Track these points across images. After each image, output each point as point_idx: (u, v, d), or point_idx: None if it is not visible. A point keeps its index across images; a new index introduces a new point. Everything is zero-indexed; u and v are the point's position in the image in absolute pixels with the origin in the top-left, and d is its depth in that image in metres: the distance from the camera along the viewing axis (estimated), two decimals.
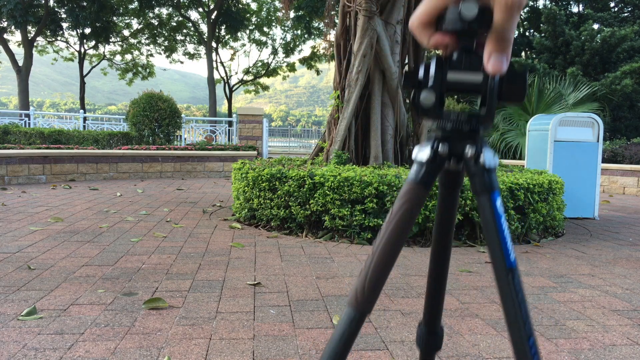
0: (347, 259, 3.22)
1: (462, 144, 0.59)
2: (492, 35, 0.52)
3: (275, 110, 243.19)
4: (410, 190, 0.60)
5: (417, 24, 0.55)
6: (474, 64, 0.55)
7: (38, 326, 1.98)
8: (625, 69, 12.69)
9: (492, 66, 0.53)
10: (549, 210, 4.08)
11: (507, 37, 0.52)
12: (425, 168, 0.60)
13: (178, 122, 11.81)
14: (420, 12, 0.55)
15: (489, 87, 0.56)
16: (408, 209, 0.59)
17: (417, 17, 0.55)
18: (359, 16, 5.19)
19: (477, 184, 0.58)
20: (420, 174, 0.60)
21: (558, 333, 2.06)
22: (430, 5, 0.54)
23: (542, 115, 5.72)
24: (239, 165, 4.71)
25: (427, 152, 0.60)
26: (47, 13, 21.78)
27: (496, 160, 0.59)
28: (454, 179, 0.65)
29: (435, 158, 0.59)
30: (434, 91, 0.57)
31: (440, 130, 0.59)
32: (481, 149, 0.58)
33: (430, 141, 0.60)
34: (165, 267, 2.92)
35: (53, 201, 5.45)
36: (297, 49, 28.93)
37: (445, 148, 0.59)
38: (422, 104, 0.58)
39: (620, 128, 13.42)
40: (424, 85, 0.58)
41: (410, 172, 0.61)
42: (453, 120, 0.58)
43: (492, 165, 0.58)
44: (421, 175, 0.59)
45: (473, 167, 0.58)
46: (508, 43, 0.52)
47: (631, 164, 8.96)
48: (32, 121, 13.90)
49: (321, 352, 1.82)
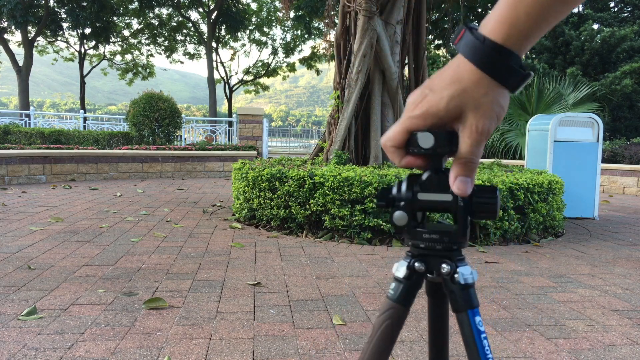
0: (347, 259, 3.22)
1: (438, 260, 0.59)
2: (458, 160, 0.53)
3: (275, 110, 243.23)
4: (390, 309, 0.61)
5: (388, 145, 0.56)
6: (444, 183, 0.56)
7: (38, 326, 1.99)
8: (625, 69, 12.69)
9: (458, 189, 0.53)
10: (549, 210, 4.08)
11: (473, 163, 0.53)
12: (402, 286, 0.60)
13: (178, 122, 11.81)
14: (389, 135, 0.55)
15: (458, 206, 0.56)
16: (389, 326, 0.60)
17: (388, 140, 0.56)
18: (359, 16, 5.19)
19: (455, 301, 0.59)
20: (398, 292, 0.61)
21: (558, 333, 2.07)
22: (397, 131, 0.55)
23: (542, 115, 5.72)
24: (239, 165, 4.71)
25: (403, 270, 0.61)
26: (47, 13, 21.78)
27: (474, 275, 0.59)
28: (439, 289, 0.64)
29: (411, 275, 0.60)
30: (405, 211, 0.58)
31: (416, 248, 0.60)
32: (456, 267, 0.58)
33: (407, 258, 0.61)
34: (165, 267, 2.92)
35: (53, 201, 5.45)
36: (297, 49, 28.94)
37: (421, 265, 0.60)
38: (395, 223, 0.59)
39: (620, 128, 13.42)
40: (397, 204, 0.59)
41: (390, 288, 0.62)
42: (426, 239, 0.59)
43: (469, 281, 0.58)
44: (399, 293, 0.60)
45: (450, 284, 0.59)
46: (474, 167, 0.53)
47: (631, 164, 8.96)
48: (32, 121, 13.90)
49: (321, 352, 1.82)
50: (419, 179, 0.58)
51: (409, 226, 0.59)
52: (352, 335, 1.98)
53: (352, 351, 1.83)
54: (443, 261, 0.59)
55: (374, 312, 2.24)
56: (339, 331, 2.02)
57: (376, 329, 0.61)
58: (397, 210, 0.59)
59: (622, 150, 9.50)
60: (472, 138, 0.51)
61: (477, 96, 0.50)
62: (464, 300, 0.58)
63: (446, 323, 0.67)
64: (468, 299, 0.58)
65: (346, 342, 1.91)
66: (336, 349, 1.85)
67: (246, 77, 30.44)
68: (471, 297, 0.58)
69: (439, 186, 0.57)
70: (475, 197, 0.56)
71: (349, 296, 2.47)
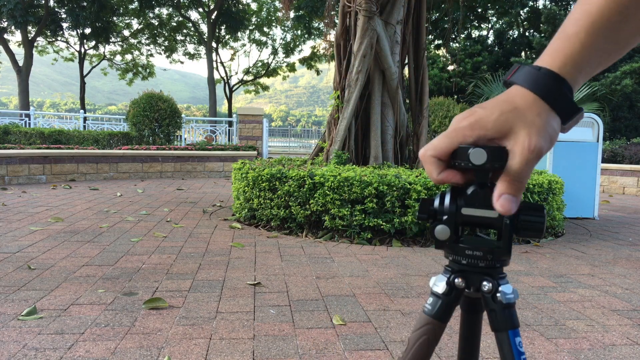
0: (347, 259, 3.22)
1: (479, 277, 0.58)
2: (506, 177, 0.51)
3: (275, 111, 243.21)
4: (427, 324, 0.60)
5: (429, 155, 0.53)
6: (489, 199, 0.54)
7: (38, 326, 1.99)
8: (625, 69, 12.69)
9: (501, 206, 0.51)
10: (549, 210, 4.08)
11: (521, 182, 0.51)
12: (441, 302, 0.59)
13: (178, 122, 11.81)
14: (434, 145, 0.53)
15: (504, 223, 0.55)
16: (425, 342, 0.59)
17: (431, 150, 0.53)
18: (359, 16, 5.19)
19: (495, 321, 0.57)
20: (436, 308, 0.59)
21: (558, 333, 2.07)
22: (444, 141, 0.53)
23: None
24: (239, 165, 4.71)
25: (442, 285, 0.59)
26: (47, 13, 21.78)
27: (516, 294, 0.58)
28: (475, 304, 0.63)
29: (451, 291, 0.59)
30: (448, 225, 0.57)
31: (456, 263, 0.59)
32: (498, 285, 0.57)
33: (446, 273, 0.60)
34: (165, 267, 2.92)
35: (53, 201, 5.45)
36: (297, 49, 28.94)
37: (461, 281, 0.58)
38: (437, 237, 0.57)
39: (620, 128, 13.42)
40: (439, 217, 0.57)
41: (426, 303, 0.61)
42: (469, 255, 0.57)
43: (511, 301, 0.57)
44: (437, 309, 0.59)
45: (491, 303, 0.57)
46: (521, 187, 0.51)
47: (631, 164, 8.96)
48: (32, 121, 13.90)
49: (321, 352, 1.82)
50: (463, 192, 0.56)
51: (450, 241, 0.57)
52: (352, 335, 1.98)
53: (352, 351, 1.83)
54: (484, 278, 0.57)
55: (374, 312, 2.24)
56: (339, 331, 2.02)
57: (412, 344, 0.59)
58: (440, 224, 0.57)
59: (622, 150, 9.50)
60: (524, 155, 0.49)
61: (529, 115, 0.50)
62: (505, 320, 0.57)
63: (478, 339, 0.65)
64: (509, 319, 0.57)
65: (346, 342, 1.91)
66: (336, 349, 1.85)
67: (246, 77, 30.45)
68: (512, 316, 0.57)
69: (484, 202, 0.55)
70: (521, 215, 0.54)
71: (349, 296, 2.47)
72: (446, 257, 0.60)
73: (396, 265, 3.09)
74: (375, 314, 2.23)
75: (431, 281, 0.61)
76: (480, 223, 0.56)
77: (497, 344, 0.58)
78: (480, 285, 0.58)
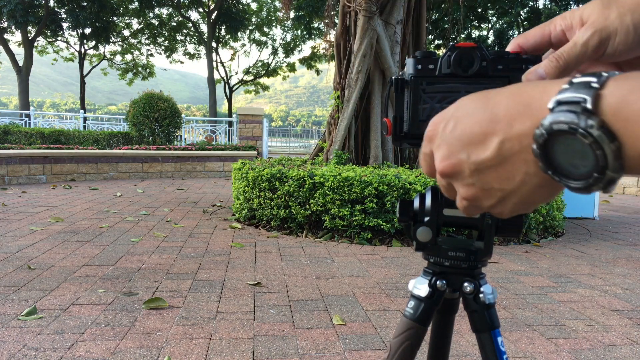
0: (347, 259, 3.22)
1: (460, 278, 0.58)
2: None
3: (275, 110, 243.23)
4: (409, 329, 0.59)
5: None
6: None
7: (38, 326, 1.99)
8: None
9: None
10: (549, 210, 4.08)
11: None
12: (423, 305, 0.59)
13: (178, 122, 11.82)
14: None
15: (486, 223, 0.55)
16: (408, 347, 0.59)
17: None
18: (359, 16, 5.19)
19: (477, 321, 0.57)
20: (418, 311, 0.59)
21: (558, 333, 2.07)
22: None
23: None
24: (239, 165, 4.71)
25: (425, 288, 0.59)
26: (47, 13, 21.78)
27: (495, 294, 0.58)
28: (449, 306, 0.63)
29: (433, 294, 0.59)
30: (430, 227, 0.56)
31: (438, 265, 0.58)
32: (480, 285, 0.57)
33: (427, 275, 0.59)
34: (165, 267, 2.92)
35: (53, 201, 5.45)
36: (297, 49, 28.92)
37: (443, 283, 0.58)
38: (419, 239, 0.57)
39: None
40: (420, 219, 0.57)
41: (407, 306, 0.60)
42: (452, 257, 0.57)
43: (492, 301, 0.57)
44: (419, 313, 0.59)
45: (472, 304, 0.57)
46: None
47: None
48: (32, 121, 13.90)
49: (321, 352, 1.82)
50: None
51: (432, 242, 0.57)
52: (351, 335, 1.98)
53: (352, 351, 1.83)
54: (465, 279, 0.57)
55: (374, 312, 2.24)
56: (339, 331, 2.02)
57: (394, 349, 0.59)
58: (421, 225, 0.56)
59: None
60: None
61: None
62: (487, 321, 0.57)
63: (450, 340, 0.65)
64: (491, 319, 0.57)
65: (346, 342, 1.91)
66: (336, 349, 1.85)
67: (246, 77, 30.44)
68: (493, 317, 0.57)
69: None
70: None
71: (349, 296, 2.47)
72: (425, 259, 0.59)
73: (396, 265, 3.09)
74: (375, 314, 2.23)
75: (410, 284, 0.61)
76: (463, 224, 0.56)
77: (478, 344, 0.58)
78: (460, 286, 0.57)
